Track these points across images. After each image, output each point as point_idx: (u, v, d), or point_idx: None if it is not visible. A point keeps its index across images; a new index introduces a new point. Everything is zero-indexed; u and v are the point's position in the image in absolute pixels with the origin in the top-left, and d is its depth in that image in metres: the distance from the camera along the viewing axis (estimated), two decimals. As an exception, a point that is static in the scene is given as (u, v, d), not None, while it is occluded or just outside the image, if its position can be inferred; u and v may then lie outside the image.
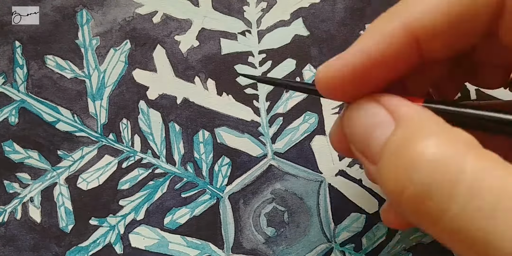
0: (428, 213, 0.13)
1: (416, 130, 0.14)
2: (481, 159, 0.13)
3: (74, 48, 0.26)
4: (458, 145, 0.13)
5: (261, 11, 0.26)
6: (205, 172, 0.25)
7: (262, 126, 0.25)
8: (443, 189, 0.13)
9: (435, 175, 0.13)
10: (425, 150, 0.13)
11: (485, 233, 0.12)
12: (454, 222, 0.13)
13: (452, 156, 0.13)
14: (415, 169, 0.13)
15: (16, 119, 0.26)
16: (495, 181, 0.12)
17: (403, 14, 0.15)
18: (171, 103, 0.25)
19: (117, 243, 0.25)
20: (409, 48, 0.15)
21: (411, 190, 0.13)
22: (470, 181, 0.12)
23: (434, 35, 0.15)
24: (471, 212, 0.12)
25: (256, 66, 0.25)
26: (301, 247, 0.24)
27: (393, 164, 0.14)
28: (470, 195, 0.12)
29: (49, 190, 0.25)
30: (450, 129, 0.14)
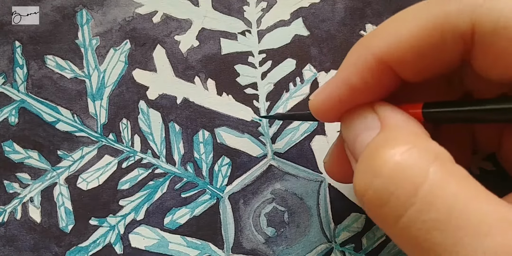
0: (384, 217, 0.14)
1: (390, 138, 0.14)
2: (443, 173, 0.13)
3: (74, 48, 0.26)
4: (425, 157, 0.13)
5: (261, 11, 0.26)
6: (205, 172, 0.25)
7: (262, 126, 0.25)
8: (400, 196, 0.13)
9: (393, 182, 0.13)
10: (389, 158, 0.14)
11: (433, 244, 0.12)
12: (406, 229, 0.13)
13: (414, 166, 0.13)
14: (376, 174, 0.14)
15: (16, 119, 0.26)
16: (451, 196, 0.13)
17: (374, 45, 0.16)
18: (171, 103, 0.25)
19: (117, 243, 0.25)
20: (385, 74, 0.16)
21: (371, 194, 0.14)
22: (426, 192, 0.13)
23: (404, 65, 0.15)
24: (423, 222, 0.13)
25: (256, 66, 0.25)
26: (301, 247, 0.24)
27: (363, 166, 0.14)
28: (424, 205, 0.13)
29: (49, 190, 0.25)
30: (424, 141, 0.14)
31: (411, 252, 0.14)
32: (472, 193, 0.13)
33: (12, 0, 0.26)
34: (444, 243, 0.12)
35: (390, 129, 0.15)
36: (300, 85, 0.25)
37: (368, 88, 0.16)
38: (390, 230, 0.14)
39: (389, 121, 0.15)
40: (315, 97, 0.17)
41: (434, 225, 0.12)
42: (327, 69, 0.25)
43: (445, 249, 0.12)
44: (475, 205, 0.12)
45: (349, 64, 0.16)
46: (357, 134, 0.16)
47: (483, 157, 0.24)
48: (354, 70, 0.16)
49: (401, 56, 0.15)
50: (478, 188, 0.13)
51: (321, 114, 0.17)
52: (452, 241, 0.12)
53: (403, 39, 0.15)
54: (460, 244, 0.12)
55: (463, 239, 0.12)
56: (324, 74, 0.25)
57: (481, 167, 0.24)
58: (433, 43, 0.15)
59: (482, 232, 0.12)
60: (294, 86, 0.25)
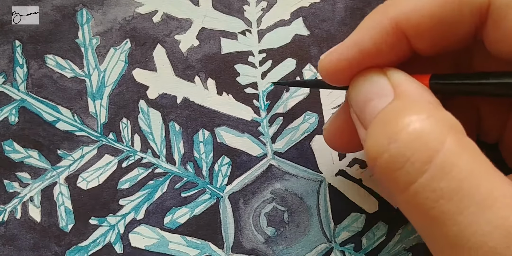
0: (395, 182, 0.14)
1: (408, 105, 0.15)
2: (459, 144, 0.13)
3: (74, 47, 0.26)
4: (442, 126, 0.14)
5: (261, 11, 0.26)
6: (205, 172, 0.25)
7: (262, 125, 0.25)
8: (415, 162, 0.13)
9: (411, 148, 0.13)
10: (409, 123, 0.14)
11: (439, 212, 0.13)
12: (415, 196, 0.13)
13: (432, 134, 0.13)
14: (394, 138, 0.14)
15: (16, 119, 0.26)
16: (464, 167, 0.13)
17: (392, 10, 0.16)
18: (171, 103, 0.25)
19: (117, 243, 0.25)
20: (399, 42, 0.16)
21: (385, 157, 0.14)
22: (441, 161, 0.13)
23: (419, 33, 0.15)
24: (433, 190, 0.13)
25: (256, 65, 0.25)
26: (301, 247, 0.24)
27: (378, 131, 0.15)
28: (438, 174, 0.13)
29: (49, 189, 0.25)
30: (440, 111, 0.15)
31: (416, 219, 0.14)
32: (483, 168, 0.13)
33: (12, 0, 0.26)
34: (449, 211, 0.13)
35: (406, 96, 0.15)
36: (300, 84, 0.25)
37: (378, 54, 0.16)
38: (399, 196, 0.14)
39: (404, 88, 0.15)
40: (324, 56, 0.17)
41: (442, 194, 0.13)
42: (327, 69, 0.25)
43: (449, 218, 0.13)
44: (484, 179, 0.13)
45: (364, 27, 0.16)
46: (369, 99, 0.16)
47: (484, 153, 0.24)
48: (368, 33, 0.16)
49: (418, 23, 0.15)
50: (488, 164, 0.13)
51: (329, 75, 0.17)
52: (457, 210, 0.12)
53: (421, 6, 0.15)
54: (464, 213, 0.12)
55: (468, 209, 0.12)
56: (324, 74, 0.25)
57: None
58: (451, 13, 0.15)
59: (486, 204, 0.12)
60: (294, 85, 0.25)
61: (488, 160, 0.14)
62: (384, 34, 0.16)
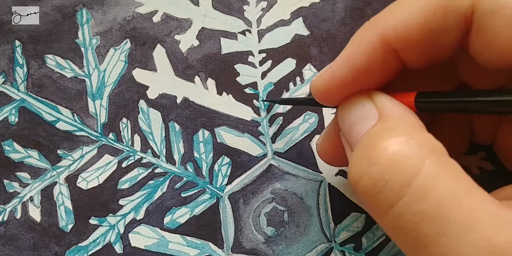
0: (376, 206, 0.14)
1: (389, 128, 0.15)
2: (438, 165, 0.13)
3: (74, 47, 0.26)
4: (421, 148, 0.14)
5: (261, 11, 0.26)
6: (205, 172, 0.25)
7: (262, 125, 0.25)
8: (394, 185, 0.13)
9: (390, 171, 0.14)
10: (388, 147, 0.14)
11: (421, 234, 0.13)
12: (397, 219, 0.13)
13: (411, 157, 0.14)
14: (373, 162, 0.14)
15: (16, 119, 0.26)
16: (444, 189, 0.13)
17: (379, 26, 0.16)
18: (171, 103, 0.25)
19: (117, 243, 0.25)
20: (388, 57, 0.16)
21: (366, 181, 0.14)
22: (420, 183, 0.13)
23: (408, 45, 0.16)
24: (413, 213, 0.13)
25: (256, 65, 0.25)
26: (301, 246, 0.24)
27: (360, 154, 0.15)
28: (417, 196, 0.13)
29: (49, 189, 0.25)
30: (421, 133, 0.15)
31: (400, 241, 0.14)
32: (464, 188, 0.13)
33: (12, 0, 0.26)
34: (431, 233, 0.13)
35: (388, 119, 0.15)
36: (300, 84, 0.25)
37: (370, 71, 0.16)
38: (381, 219, 0.14)
39: (387, 111, 0.16)
40: (317, 77, 0.17)
41: (423, 216, 0.13)
42: (327, 69, 0.25)
43: (432, 240, 0.13)
44: (465, 200, 0.13)
45: (354, 45, 0.16)
46: (354, 122, 0.16)
47: (483, 157, 0.24)
48: (358, 51, 0.16)
49: (406, 36, 0.15)
50: (470, 184, 0.13)
51: (320, 95, 0.17)
52: (439, 232, 0.12)
53: (408, 19, 0.15)
54: (447, 235, 0.12)
55: (450, 231, 0.12)
56: (324, 74, 0.25)
57: (481, 166, 0.24)
58: (437, 23, 0.15)
59: (469, 226, 0.12)
60: (294, 85, 0.25)
61: (470, 178, 0.14)
62: (373, 51, 0.16)
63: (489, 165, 0.24)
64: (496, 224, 0.12)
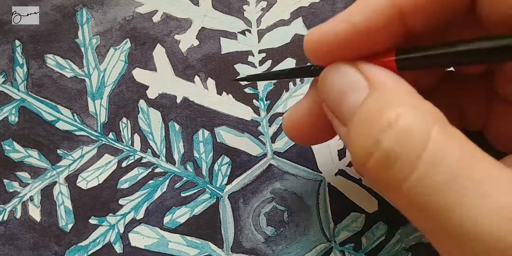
0: (388, 182, 0.14)
1: (389, 99, 0.14)
2: (445, 135, 0.13)
3: (74, 47, 0.26)
4: (427, 117, 0.13)
5: (261, 11, 0.26)
6: (205, 172, 0.25)
7: (262, 125, 0.25)
8: (406, 160, 0.13)
9: (402, 142, 0.13)
10: (396, 118, 0.13)
11: (435, 205, 0.13)
12: (410, 192, 0.13)
13: (418, 128, 0.13)
14: (384, 135, 0.13)
15: (16, 118, 0.26)
16: (455, 157, 0.13)
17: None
18: (171, 102, 0.25)
19: (117, 242, 0.25)
20: (393, 20, 0.15)
21: (377, 155, 0.14)
22: (431, 154, 0.13)
23: (417, 6, 0.15)
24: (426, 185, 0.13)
25: (256, 65, 0.25)
26: (301, 246, 0.24)
27: (363, 129, 0.14)
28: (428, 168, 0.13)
29: (48, 189, 0.25)
30: (421, 102, 0.14)
31: (413, 215, 0.14)
32: (473, 156, 0.13)
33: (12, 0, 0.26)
34: (445, 204, 0.12)
35: (383, 89, 0.15)
36: (300, 84, 0.25)
37: (368, 31, 0.15)
38: (394, 195, 0.14)
39: (378, 79, 0.15)
40: (312, 30, 0.16)
41: (436, 188, 0.13)
42: (327, 69, 0.25)
43: (448, 209, 0.12)
44: (476, 166, 0.13)
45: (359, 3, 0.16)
46: (343, 93, 0.15)
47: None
48: (360, 9, 0.15)
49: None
50: (477, 150, 0.13)
51: (314, 50, 0.16)
52: (455, 201, 0.12)
53: None
54: (460, 204, 0.12)
55: (463, 199, 0.12)
56: (324, 74, 0.25)
57: None
58: None
59: (482, 192, 0.12)
60: (294, 85, 0.25)
61: (476, 146, 0.13)
62: (379, 11, 0.15)
63: None
64: (509, 189, 0.12)
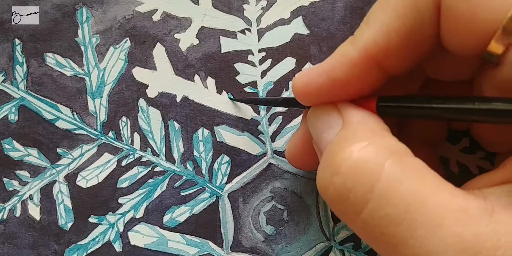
0: (345, 213, 0.14)
1: (348, 136, 0.15)
2: (399, 167, 0.13)
3: (74, 46, 0.26)
4: (381, 152, 0.14)
5: (261, 10, 0.26)
6: (205, 170, 0.25)
7: (261, 124, 0.25)
8: (358, 192, 0.14)
9: (352, 179, 0.14)
10: (347, 156, 0.14)
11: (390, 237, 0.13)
12: (365, 224, 0.14)
13: (370, 163, 0.14)
14: (335, 172, 0.14)
15: (16, 117, 0.26)
16: (407, 190, 0.13)
17: (361, 41, 0.16)
18: (171, 101, 0.25)
19: (116, 241, 0.25)
20: (370, 70, 0.16)
21: (331, 191, 0.14)
22: (382, 188, 0.13)
23: (391, 55, 0.16)
24: (379, 217, 0.13)
25: (256, 64, 0.26)
26: (300, 245, 0.24)
27: (324, 164, 0.15)
28: (380, 201, 0.13)
29: (48, 187, 0.25)
30: (381, 137, 0.15)
31: (373, 245, 0.14)
32: (428, 186, 0.13)
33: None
34: (399, 236, 0.13)
35: (349, 126, 0.16)
36: (300, 83, 0.25)
37: (349, 84, 0.16)
38: (351, 225, 0.14)
39: (350, 118, 0.16)
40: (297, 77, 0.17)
41: (390, 220, 0.13)
42: (327, 68, 0.25)
43: (401, 242, 0.13)
44: (430, 198, 0.13)
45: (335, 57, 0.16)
46: (321, 131, 0.17)
47: (482, 156, 0.24)
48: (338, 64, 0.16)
49: (387, 44, 0.15)
50: (435, 181, 0.13)
51: (300, 96, 0.18)
52: (407, 234, 0.13)
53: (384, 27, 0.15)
54: (414, 236, 0.12)
55: (417, 231, 0.12)
56: (324, 73, 0.25)
57: (479, 165, 0.24)
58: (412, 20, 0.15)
59: (436, 224, 0.12)
60: (294, 84, 0.25)
61: (436, 175, 0.14)
62: (354, 65, 0.16)
63: (487, 164, 0.24)
64: (462, 218, 0.12)
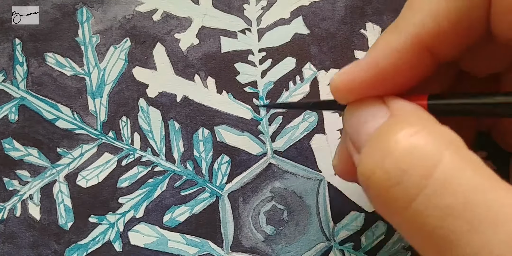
0: (393, 201, 0.13)
1: (400, 121, 0.14)
2: (459, 158, 0.12)
3: (74, 45, 0.26)
4: (439, 140, 0.13)
5: (261, 9, 0.26)
6: (205, 170, 0.25)
7: (261, 124, 0.25)
8: (413, 176, 0.12)
9: (407, 161, 0.13)
10: (401, 138, 0.13)
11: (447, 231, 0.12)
12: (418, 214, 0.12)
13: (428, 147, 0.13)
14: (388, 154, 0.13)
15: (16, 117, 0.26)
16: (469, 181, 0.12)
17: (408, 27, 0.15)
18: (171, 101, 0.25)
19: (116, 241, 0.25)
20: (420, 58, 0.15)
21: (380, 174, 0.13)
22: (442, 175, 0.12)
23: (441, 39, 0.15)
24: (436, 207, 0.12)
25: (256, 64, 0.25)
26: (300, 245, 0.24)
27: (370, 149, 0.14)
28: (440, 188, 0.12)
29: (48, 187, 0.25)
30: (435, 126, 0.14)
31: (420, 241, 0.13)
32: (488, 181, 0.12)
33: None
34: (458, 230, 0.11)
35: (399, 115, 0.14)
36: (300, 83, 0.25)
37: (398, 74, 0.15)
38: (398, 217, 0.13)
39: (398, 108, 0.15)
40: (337, 76, 0.16)
41: (448, 211, 0.12)
42: (327, 68, 0.25)
43: (461, 238, 0.11)
44: (491, 193, 0.12)
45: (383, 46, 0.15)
46: (363, 121, 0.15)
47: (483, 156, 0.24)
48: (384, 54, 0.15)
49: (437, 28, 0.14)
50: (493, 176, 0.12)
51: (341, 94, 0.16)
52: (467, 229, 0.11)
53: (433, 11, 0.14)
54: (475, 232, 0.11)
55: (479, 227, 0.11)
56: (324, 73, 0.25)
57: None
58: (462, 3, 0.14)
59: (499, 221, 0.11)
60: (294, 84, 0.25)
61: (492, 171, 0.13)
62: (403, 53, 0.15)
63: (490, 164, 0.24)
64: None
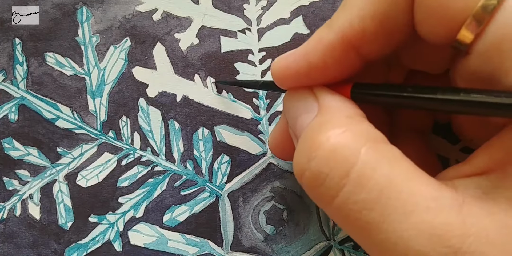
0: (320, 198, 0.15)
1: (325, 122, 0.15)
2: (375, 154, 0.14)
3: (74, 45, 0.26)
4: (357, 139, 0.14)
5: (261, 9, 0.26)
6: (205, 170, 0.25)
7: (261, 124, 0.25)
8: (334, 177, 0.14)
9: (328, 164, 0.14)
10: (323, 141, 0.14)
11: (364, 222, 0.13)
12: (340, 209, 0.14)
13: (347, 148, 0.14)
14: (312, 157, 0.14)
15: (16, 116, 0.26)
16: (382, 176, 0.13)
17: (338, 25, 0.16)
18: (171, 101, 0.25)
19: (116, 241, 0.25)
20: (347, 55, 0.16)
21: (307, 175, 0.15)
22: (357, 173, 0.14)
23: (366, 40, 0.16)
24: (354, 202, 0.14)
25: (256, 64, 0.26)
26: (300, 245, 0.24)
27: (300, 149, 0.15)
28: (355, 186, 0.14)
29: (48, 187, 0.25)
30: (357, 124, 0.15)
31: (347, 230, 0.14)
32: (403, 173, 0.13)
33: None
34: (373, 221, 0.13)
35: (325, 112, 0.16)
36: (300, 83, 0.25)
37: (326, 68, 0.16)
38: (327, 210, 0.15)
39: (326, 104, 0.16)
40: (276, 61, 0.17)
41: (364, 205, 0.13)
42: (327, 68, 0.25)
43: (375, 227, 0.13)
44: (404, 185, 0.13)
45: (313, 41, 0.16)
46: (297, 116, 0.17)
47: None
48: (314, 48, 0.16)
49: (363, 28, 0.15)
50: (410, 168, 0.14)
51: (278, 80, 0.18)
52: (380, 219, 0.13)
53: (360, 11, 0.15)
54: (387, 221, 0.13)
55: (390, 217, 0.13)
56: (324, 73, 0.25)
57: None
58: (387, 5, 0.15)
59: (408, 210, 0.13)
60: (294, 84, 0.25)
61: (411, 163, 0.14)
62: (331, 49, 0.16)
63: None
64: (434, 207, 0.13)
